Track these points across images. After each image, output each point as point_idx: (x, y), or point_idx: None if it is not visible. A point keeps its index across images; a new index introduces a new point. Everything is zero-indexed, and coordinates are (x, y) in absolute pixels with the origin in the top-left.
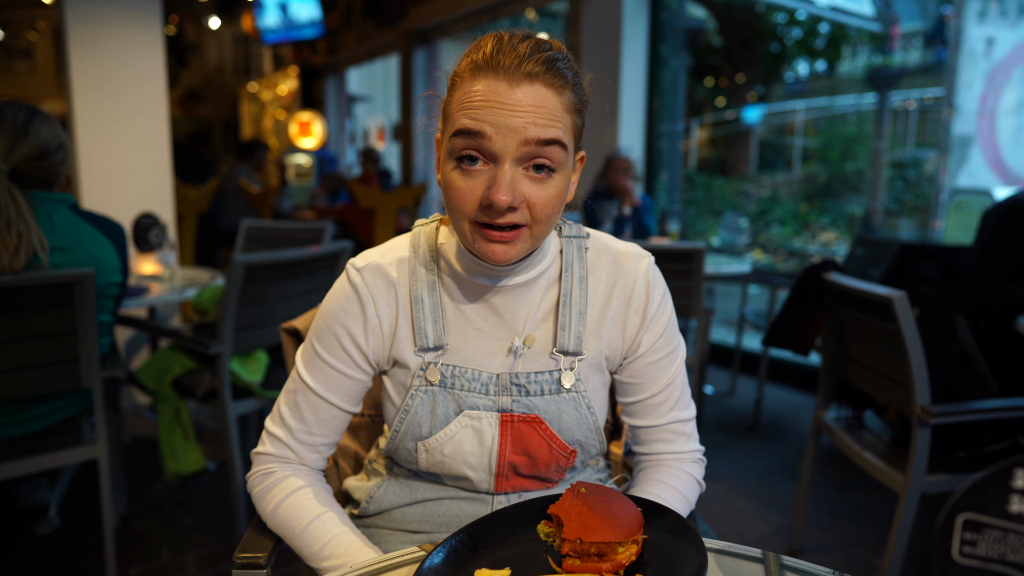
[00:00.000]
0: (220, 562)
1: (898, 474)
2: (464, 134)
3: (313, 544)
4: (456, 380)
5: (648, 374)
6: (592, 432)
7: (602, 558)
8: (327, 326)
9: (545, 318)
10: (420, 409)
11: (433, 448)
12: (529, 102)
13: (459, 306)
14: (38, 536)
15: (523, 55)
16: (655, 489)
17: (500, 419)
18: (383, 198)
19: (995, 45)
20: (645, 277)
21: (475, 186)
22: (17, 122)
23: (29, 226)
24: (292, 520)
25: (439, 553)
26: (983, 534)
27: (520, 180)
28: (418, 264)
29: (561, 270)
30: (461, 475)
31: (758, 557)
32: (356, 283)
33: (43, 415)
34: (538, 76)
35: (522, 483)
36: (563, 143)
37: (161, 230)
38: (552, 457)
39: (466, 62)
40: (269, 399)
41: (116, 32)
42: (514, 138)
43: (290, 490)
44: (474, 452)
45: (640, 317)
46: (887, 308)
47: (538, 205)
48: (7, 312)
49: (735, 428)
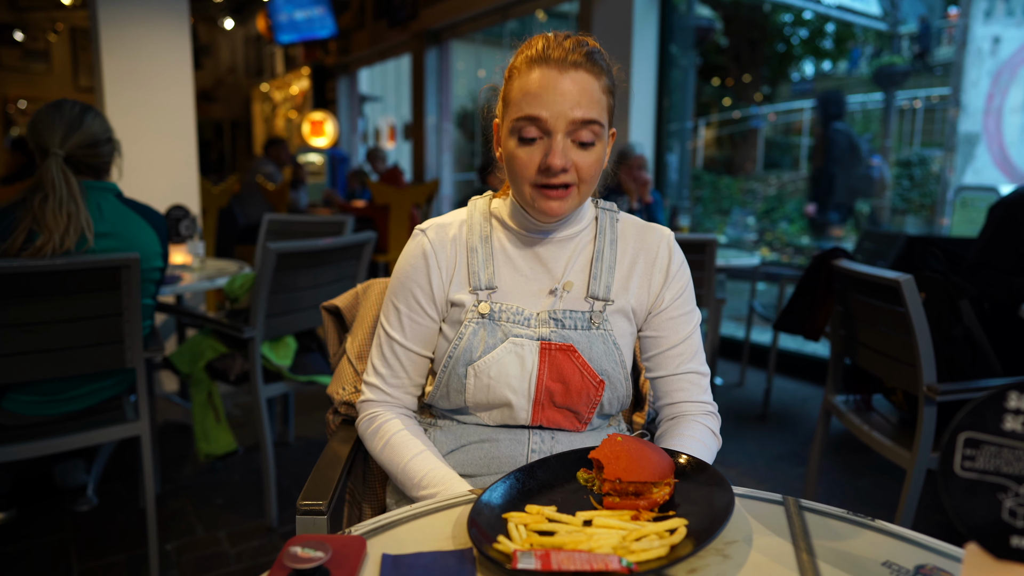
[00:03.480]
0: (252, 538)
1: (905, 451)
2: (525, 118)
3: (413, 477)
4: (503, 314)
5: (669, 328)
6: (618, 365)
7: (639, 497)
8: (402, 284)
9: (581, 269)
10: (472, 337)
11: (481, 371)
12: (575, 87)
13: (509, 255)
14: (77, 513)
15: (568, 49)
16: (678, 442)
17: (540, 347)
18: (397, 194)
19: (1001, 44)
20: (668, 244)
21: (534, 155)
22: (73, 114)
23: (78, 207)
24: (396, 458)
25: (493, 491)
26: (981, 450)
27: (569, 148)
28: (474, 223)
29: (596, 233)
30: (504, 400)
31: (779, 501)
32: (422, 241)
33: (89, 394)
34: (581, 65)
35: (555, 416)
36: (600, 122)
37: (191, 222)
38: (584, 385)
39: (521, 57)
40: (297, 383)
41: (145, 31)
42: (564, 119)
43: (392, 432)
44: (516, 375)
45: (663, 276)
46: (895, 291)
47: (583, 167)
48: (58, 294)
49: (745, 418)
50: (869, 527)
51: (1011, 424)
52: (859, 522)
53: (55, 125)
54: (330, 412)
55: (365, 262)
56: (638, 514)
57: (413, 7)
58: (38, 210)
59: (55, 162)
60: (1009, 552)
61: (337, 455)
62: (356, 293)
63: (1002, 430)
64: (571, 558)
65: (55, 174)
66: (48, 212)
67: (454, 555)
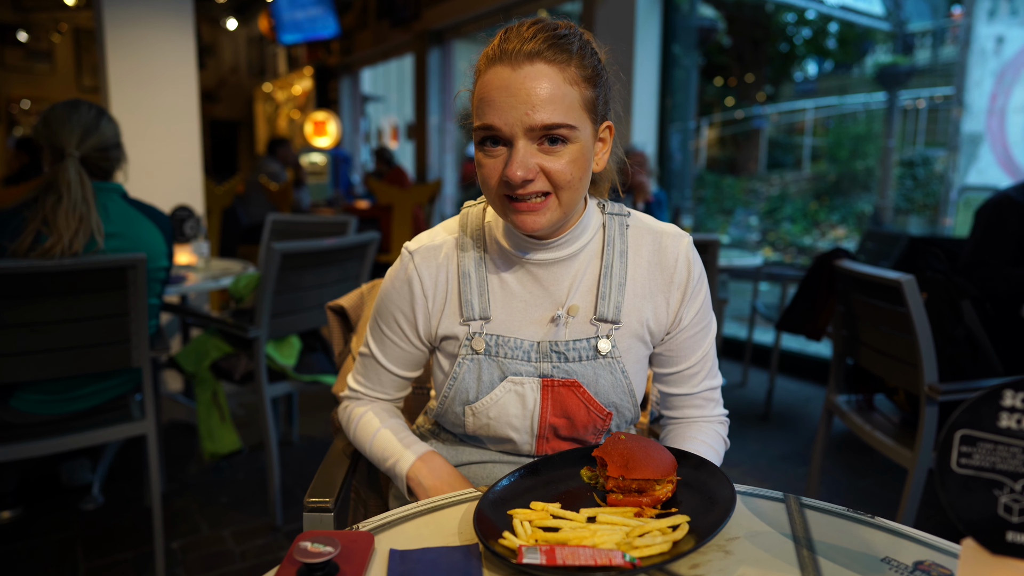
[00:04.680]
0: (256, 536)
1: (907, 451)
2: (482, 127)
3: (380, 453)
4: (500, 348)
5: (686, 347)
6: (626, 395)
7: (642, 494)
8: (384, 305)
9: (588, 289)
10: (467, 376)
11: (479, 412)
12: (531, 85)
13: (504, 279)
14: (84, 511)
15: (526, 38)
16: (686, 444)
17: (541, 384)
18: (400, 195)
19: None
20: (686, 256)
21: (497, 165)
22: (90, 117)
23: (90, 210)
24: (363, 437)
25: (499, 486)
26: (977, 447)
27: (533, 154)
28: (466, 242)
29: (603, 244)
30: (505, 437)
31: (780, 498)
32: (407, 266)
33: (95, 393)
34: (539, 54)
35: (561, 445)
36: (567, 124)
37: (196, 222)
38: (590, 419)
39: (483, 55)
40: (302, 382)
41: (150, 32)
42: (519, 125)
43: (359, 415)
44: (517, 415)
45: (682, 293)
46: (897, 291)
47: (554, 172)
48: (66, 294)
49: (747, 417)
50: (869, 524)
51: (1006, 422)
52: (859, 519)
53: (73, 126)
54: (335, 411)
55: (369, 262)
56: (641, 511)
57: (416, 7)
58: (50, 212)
59: (73, 164)
60: (1005, 547)
61: (343, 453)
62: (361, 293)
63: (998, 427)
64: (575, 553)
65: (72, 176)
66: (60, 214)
67: (460, 550)
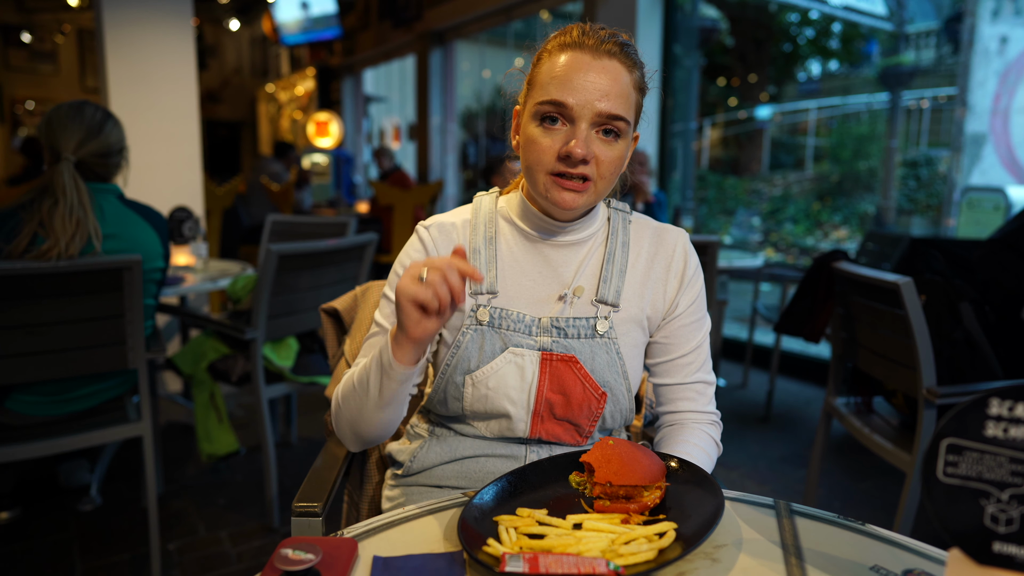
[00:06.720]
0: (253, 538)
1: (905, 454)
2: (550, 102)
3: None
4: (503, 321)
5: (680, 335)
6: (620, 376)
7: (629, 500)
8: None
9: (593, 273)
10: (470, 345)
11: (479, 381)
12: (606, 77)
13: (516, 257)
14: (81, 513)
15: (603, 38)
16: (679, 448)
17: (540, 357)
18: (401, 195)
19: (1009, 44)
20: (684, 248)
21: (555, 141)
22: (94, 120)
23: (87, 214)
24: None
25: (485, 493)
26: (963, 456)
27: (592, 139)
28: (478, 222)
29: (608, 234)
30: (502, 411)
31: (770, 504)
32: (423, 236)
33: (91, 395)
34: (615, 55)
35: (555, 429)
36: (627, 119)
37: (195, 223)
38: (585, 397)
39: (554, 42)
40: (299, 384)
41: (150, 33)
42: (590, 108)
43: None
44: (516, 387)
45: (679, 281)
46: (895, 294)
47: (604, 162)
48: (61, 295)
49: (747, 419)
50: (859, 531)
51: (993, 430)
52: (849, 526)
53: (73, 128)
54: (328, 413)
55: (367, 263)
56: (628, 518)
57: (418, 8)
58: (46, 215)
59: (67, 168)
60: (991, 558)
61: (334, 456)
62: (355, 296)
63: (984, 436)
64: (559, 561)
65: (67, 180)
66: (57, 218)
67: (444, 557)
